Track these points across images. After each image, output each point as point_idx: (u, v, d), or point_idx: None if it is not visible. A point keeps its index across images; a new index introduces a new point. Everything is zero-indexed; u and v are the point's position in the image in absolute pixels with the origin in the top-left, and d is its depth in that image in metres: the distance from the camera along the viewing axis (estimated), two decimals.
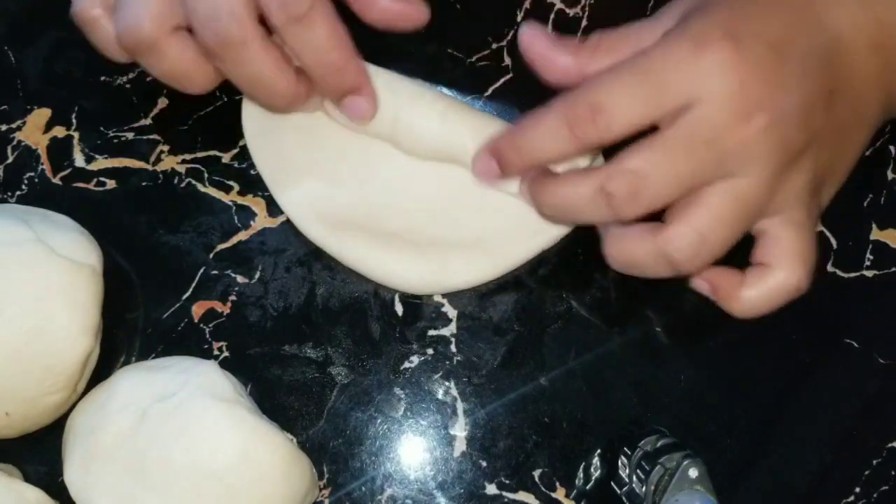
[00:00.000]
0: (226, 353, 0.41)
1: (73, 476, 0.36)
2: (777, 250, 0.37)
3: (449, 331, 0.42)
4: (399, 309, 0.42)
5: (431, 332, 0.42)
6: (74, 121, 0.44)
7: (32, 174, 0.43)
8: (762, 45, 0.34)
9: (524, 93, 0.40)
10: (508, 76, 0.46)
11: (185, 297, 0.42)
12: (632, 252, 0.36)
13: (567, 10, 0.47)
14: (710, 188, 0.35)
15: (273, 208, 0.43)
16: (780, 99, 0.34)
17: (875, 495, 0.40)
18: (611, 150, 0.35)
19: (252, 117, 0.42)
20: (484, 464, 0.40)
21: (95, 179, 0.43)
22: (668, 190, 0.34)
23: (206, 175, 0.43)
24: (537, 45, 0.37)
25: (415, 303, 0.42)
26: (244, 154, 0.44)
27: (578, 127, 0.34)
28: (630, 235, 0.36)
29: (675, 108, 0.34)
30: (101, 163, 0.44)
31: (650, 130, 0.35)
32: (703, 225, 0.35)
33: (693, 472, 0.36)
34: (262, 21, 0.36)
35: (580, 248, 0.43)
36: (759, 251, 0.37)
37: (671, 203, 0.35)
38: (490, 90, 0.45)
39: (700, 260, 0.35)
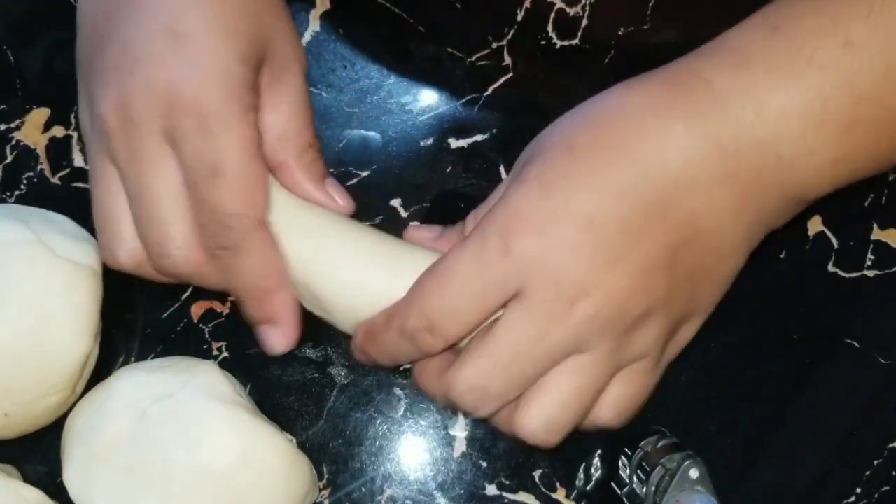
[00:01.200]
0: (225, 354, 0.41)
1: (73, 476, 0.36)
2: (608, 390, 0.35)
3: None
4: None
5: None
6: (74, 120, 0.44)
7: (31, 174, 0.43)
8: (573, 230, 0.32)
9: (524, 93, 0.41)
10: (508, 76, 0.45)
11: (184, 297, 0.42)
12: (428, 388, 0.36)
13: (567, 10, 0.47)
14: (553, 372, 0.34)
15: None
16: (603, 278, 0.32)
17: (875, 495, 0.40)
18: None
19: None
20: (484, 464, 0.40)
21: None
22: (509, 392, 0.34)
23: None
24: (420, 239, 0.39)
25: None
26: None
27: (418, 340, 0.34)
28: (428, 370, 0.36)
29: (502, 302, 0.33)
30: None
31: None
32: (553, 414, 0.34)
33: (693, 473, 0.36)
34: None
35: None
36: None
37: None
38: (490, 90, 0.45)
39: (559, 437, 0.35)
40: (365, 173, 0.44)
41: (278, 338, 0.37)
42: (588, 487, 0.40)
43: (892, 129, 0.34)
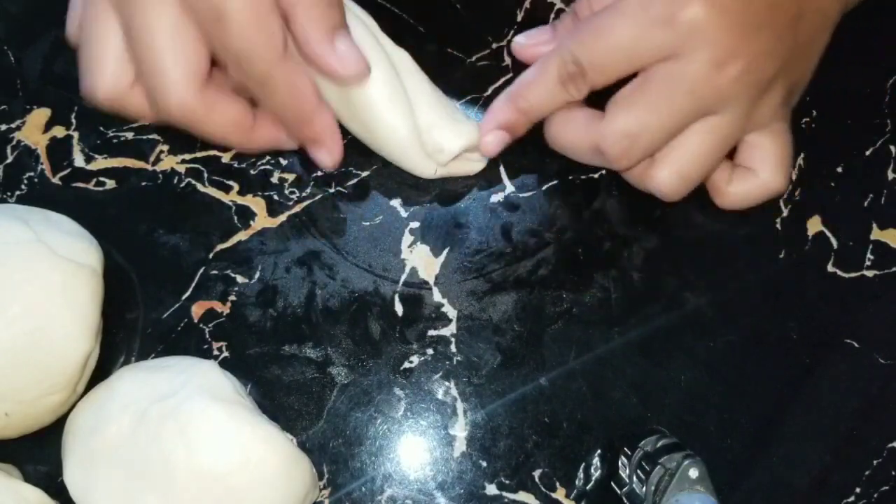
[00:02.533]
0: (225, 353, 0.41)
1: (73, 476, 0.36)
2: (759, 156, 0.41)
3: (449, 331, 0.42)
4: (399, 309, 0.42)
5: (431, 332, 0.42)
6: (74, 120, 0.44)
7: (32, 174, 0.43)
8: None
9: None
10: (508, 76, 0.46)
11: (184, 297, 0.42)
12: (576, 138, 0.40)
13: (567, 10, 0.47)
14: (691, 129, 0.38)
15: (273, 208, 0.43)
16: (750, 43, 0.37)
17: (875, 495, 0.40)
18: None
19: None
20: (484, 464, 0.40)
21: (95, 179, 0.43)
22: (656, 144, 0.38)
23: (205, 175, 0.43)
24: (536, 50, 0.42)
25: (415, 303, 0.42)
26: (244, 154, 0.44)
27: (571, 84, 0.38)
28: (574, 122, 0.40)
29: (656, 61, 0.37)
30: (101, 163, 0.44)
31: None
32: (687, 166, 0.39)
33: (693, 473, 0.36)
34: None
35: (580, 248, 0.43)
36: (742, 156, 0.41)
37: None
38: (490, 90, 0.45)
39: (684, 192, 0.40)
40: (365, 173, 0.44)
41: (325, 155, 0.41)
42: (588, 487, 0.40)
43: None
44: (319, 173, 0.44)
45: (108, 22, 0.36)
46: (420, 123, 0.40)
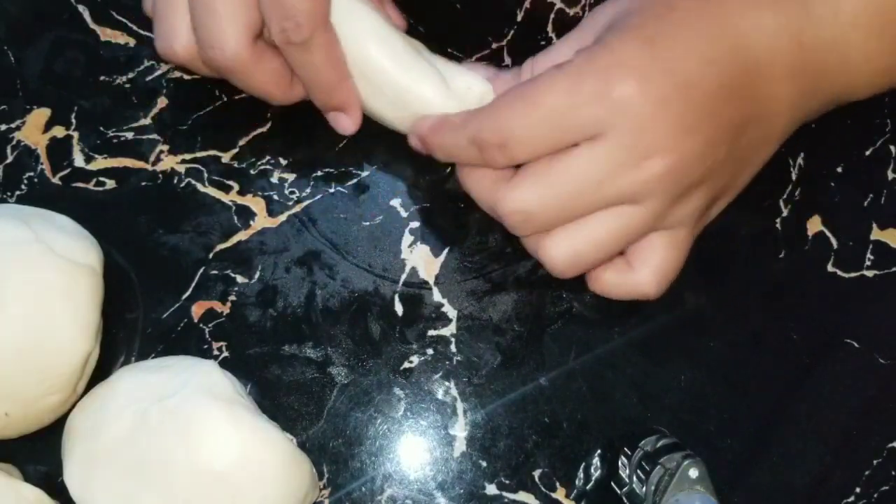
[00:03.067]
0: (225, 353, 0.41)
1: (73, 476, 0.36)
2: (644, 257, 0.37)
3: (449, 331, 0.42)
4: (399, 309, 0.42)
5: (431, 332, 0.42)
6: (74, 120, 0.44)
7: (32, 174, 0.43)
8: (670, 86, 0.33)
9: None
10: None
11: (184, 297, 0.42)
12: (477, 192, 0.38)
13: (567, 10, 0.47)
14: (599, 212, 0.36)
15: (273, 208, 0.43)
16: (680, 142, 0.34)
17: (875, 495, 0.40)
18: None
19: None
20: (484, 464, 0.40)
21: (95, 179, 0.43)
22: (553, 224, 0.36)
23: (205, 175, 0.43)
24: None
25: (415, 303, 0.42)
26: (244, 154, 0.44)
27: (486, 152, 0.36)
28: (482, 177, 0.38)
29: (582, 139, 0.34)
30: (101, 163, 0.44)
31: None
32: (581, 247, 0.36)
33: (693, 472, 0.36)
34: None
35: None
36: (633, 249, 0.38)
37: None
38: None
39: (573, 272, 0.37)
40: (365, 173, 0.44)
41: (347, 122, 0.41)
42: (588, 487, 0.40)
43: None
44: (319, 173, 0.44)
45: None
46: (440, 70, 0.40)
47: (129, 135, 0.44)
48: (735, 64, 0.35)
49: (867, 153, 0.46)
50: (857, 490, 0.40)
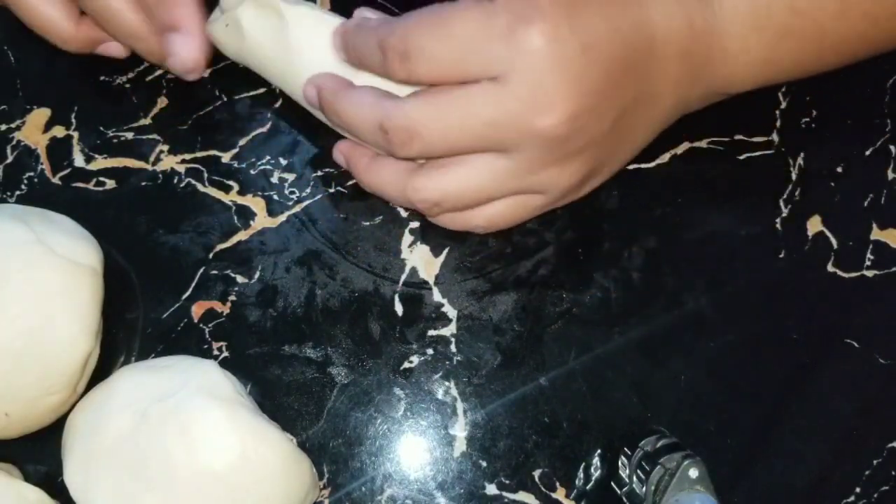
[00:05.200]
0: (225, 353, 0.41)
1: (73, 476, 0.36)
2: (491, 203, 0.38)
3: (449, 331, 0.42)
4: (399, 309, 0.42)
5: (431, 332, 0.42)
6: (74, 120, 0.44)
7: (32, 174, 0.43)
8: (576, 44, 0.34)
9: None
10: None
11: (184, 297, 0.42)
12: (382, 185, 0.39)
13: None
14: (473, 156, 0.36)
15: (273, 208, 0.43)
16: (573, 104, 0.34)
17: (875, 495, 0.40)
18: None
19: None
20: (484, 464, 0.40)
21: (95, 179, 0.43)
22: (436, 149, 0.36)
23: (205, 175, 0.43)
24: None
25: (415, 303, 0.42)
26: (244, 154, 0.44)
27: (388, 58, 0.35)
28: (384, 168, 0.39)
29: (478, 77, 0.34)
30: (101, 162, 0.44)
31: None
32: (450, 186, 0.37)
33: (693, 473, 0.36)
34: None
35: (580, 248, 0.43)
36: None
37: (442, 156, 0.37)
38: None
39: (437, 211, 0.38)
40: None
41: (181, 45, 0.40)
42: (588, 487, 0.40)
43: (816, 43, 0.38)
44: (319, 173, 0.44)
45: None
46: None
47: (129, 135, 0.44)
48: (637, 37, 0.35)
49: (867, 153, 0.46)
50: (857, 490, 0.40)
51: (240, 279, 0.42)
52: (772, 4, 0.37)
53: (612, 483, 0.38)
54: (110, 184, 0.43)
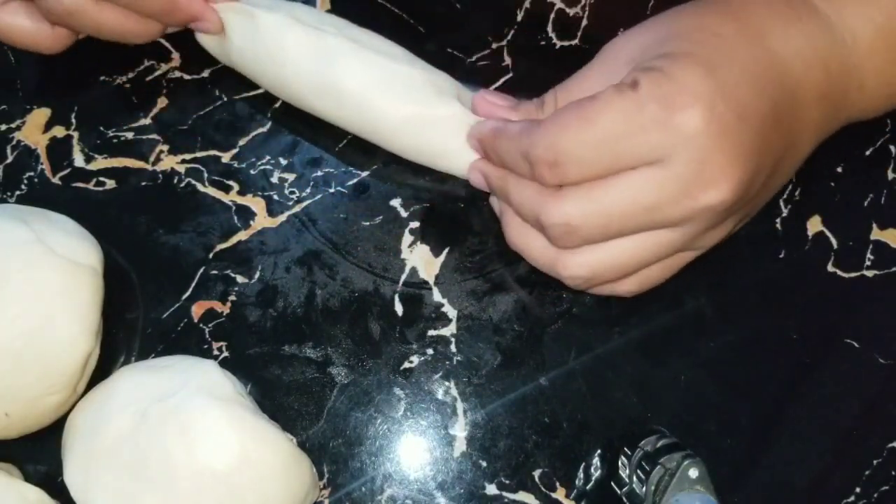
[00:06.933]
0: (225, 353, 0.41)
1: (73, 476, 0.36)
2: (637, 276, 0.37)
3: (449, 331, 0.42)
4: (399, 309, 0.42)
5: (431, 332, 0.42)
6: (74, 120, 0.44)
7: (32, 174, 0.43)
8: (731, 116, 0.33)
9: (524, 93, 0.40)
10: (508, 76, 0.46)
11: (184, 297, 0.42)
12: (530, 251, 0.38)
13: (567, 10, 0.47)
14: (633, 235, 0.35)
15: (273, 208, 0.43)
16: (736, 173, 0.33)
17: (875, 495, 0.40)
18: None
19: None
20: (484, 464, 0.40)
21: (95, 179, 0.43)
22: (596, 240, 0.35)
23: (205, 175, 0.43)
24: (491, 109, 0.39)
25: (415, 303, 0.42)
26: (244, 154, 0.44)
27: (537, 168, 0.34)
28: (535, 235, 0.37)
29: (641, 164, 0.33)
30: (101, 162, 0.44)
31: None
32: (602, 263, 0.35)
33: (693, 472, 0.36)
34: None
35: None
36: None
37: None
38: (490, 90, 0.45)
39: (585, 286, 0.37)
40: (365, 173, 0.44)
41: (210, 27, 0.41)
42: (588, 487, 0.40)
43: None
44: (319, 173, 0.44)
45: None
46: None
47: (129, 135, 0.44)
48: (781, 92, 0.35)
49: (867, 153, 0.46)
50: (857, 490, 0.40)
51: (240, 279, 0.42)
52: None
53: (612, 483, 0.38)
54: (110, 184, 0.43)
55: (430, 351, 0.41)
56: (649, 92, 0.33)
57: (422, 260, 0.43)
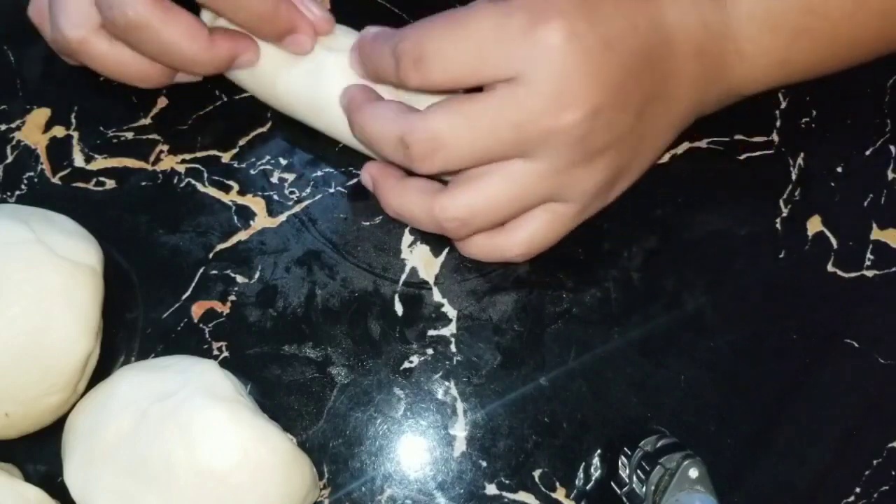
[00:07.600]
0: (225, 353, 0.41)
1: (73, 476, 0.36)
2: (521, 223, 0.38)
3: (449, 331, 0.42)
4: (399, 309, 0.42)
5: (431, 332, 0.42)
6: (74, 120, 0.44)
7: (32, 174, 0.43)
8: (596, 39, 0.33)
9: None
10: None
11: (184, 297, 0.42)
12: (408, 207, 0.38)
13: None
14: (498, 165, 0.35)
15: (273, 208, 0.43)
16: (596, 98, 0.34)
17: (875, 495, 0.40)
18: None
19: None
20: (484, 464, 0.40)
21: (95, 179, 0.43)
22: (462, 160, 0.35)
23: (205, 175, 0.43)
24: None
25: (415, 303, 0.42)
26: (244, 154, 0.44)
27: (402, 64, 0.35)
28: (410, 190, 0.38)
29: (495, 79, 0.34)
30: (101, 162, 0.44)
31: None
32: (478, 200, 0.36)
33: (693, 472, 0.36)
34: None
35: (580, 248, 0.43)
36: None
37: (464, 168, 0.36)
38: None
39: (466, 231, 0.37)
40: None
41: (305, 40, 0.39)
42: (588, 487, 0.40)
43: (830, 42, 0.38)
44: (319, 173, 0.44)
45: None
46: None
47: (129, 135, 0.44)
48: (654, 34, 0.35)
49: (867, 153, 0.46)
50: (857, 490, 0.40)
51: (240, 279, 0.42)
52: (786, 5, 0.37)
53: (612, 483, 0.38)
54: (110, 184, 0.43)
55: (430, 351, 0.41)
56: (521, 3, 0.34)
57: (422, 260, 0.43)
